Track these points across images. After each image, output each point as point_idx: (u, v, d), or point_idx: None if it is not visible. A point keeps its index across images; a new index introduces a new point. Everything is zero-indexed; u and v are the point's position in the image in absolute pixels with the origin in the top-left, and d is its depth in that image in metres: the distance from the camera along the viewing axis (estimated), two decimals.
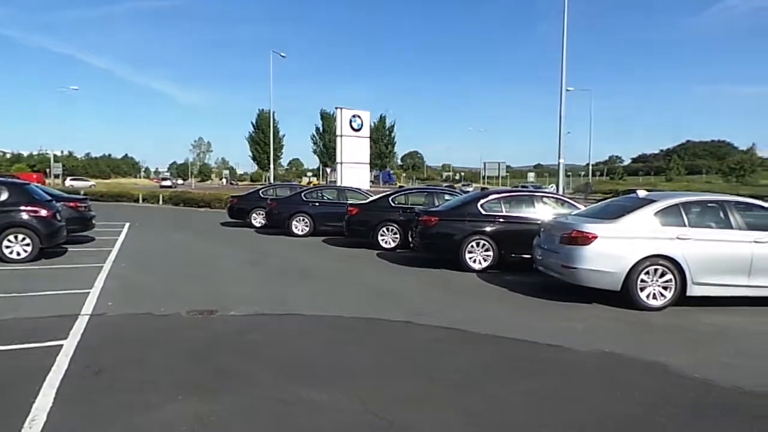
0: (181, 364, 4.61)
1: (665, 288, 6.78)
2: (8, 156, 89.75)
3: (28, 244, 9.71)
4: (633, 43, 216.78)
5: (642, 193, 7.75)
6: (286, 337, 5.52)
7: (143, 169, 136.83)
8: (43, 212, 9.94)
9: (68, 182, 61.65)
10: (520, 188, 24.57)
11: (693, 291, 6.79)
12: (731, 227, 6.94)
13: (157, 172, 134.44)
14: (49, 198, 10.80)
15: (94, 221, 13.15)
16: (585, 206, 9.49)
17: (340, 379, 4.33)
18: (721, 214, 7.09)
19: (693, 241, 6.78)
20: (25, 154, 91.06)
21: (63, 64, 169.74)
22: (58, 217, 10.45)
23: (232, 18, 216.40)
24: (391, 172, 76.80)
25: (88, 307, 6.51)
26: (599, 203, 8.70)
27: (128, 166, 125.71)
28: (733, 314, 6.75)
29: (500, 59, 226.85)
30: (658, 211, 7.01)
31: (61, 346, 4.97)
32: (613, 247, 6.83)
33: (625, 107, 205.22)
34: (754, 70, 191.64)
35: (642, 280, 6.76)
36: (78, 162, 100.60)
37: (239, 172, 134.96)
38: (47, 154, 69.18)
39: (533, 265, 8.33)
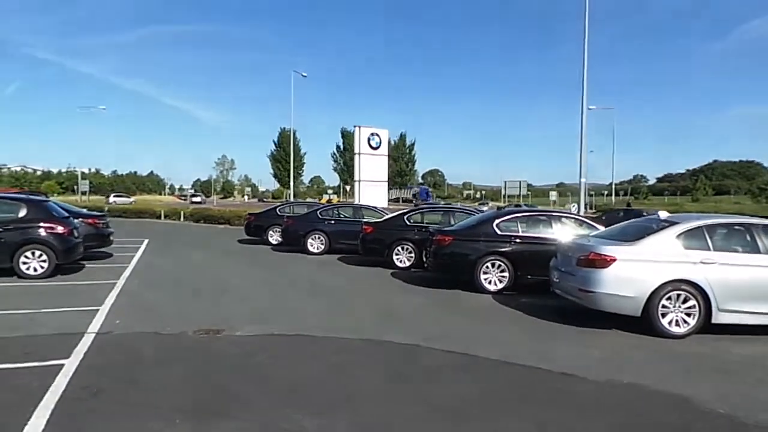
0: (181, 386, 4.50)
1: (688, 314, 6.46)
2: (39, 173, 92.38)
3: (44, 261, 9.80)
4: (658, 63, 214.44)
5: (663, 214, 7.46)
6: (292, 360, 5.37)
7: (168, 186, 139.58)
8: (60, 229, 10.04)
9: (111, 198, 64.35)
10: (514, 207, 24.26)
11: (718, 318, 6.45)
12: (759, 251, 6.60)
13: (181, 189, 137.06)
14: (66, 214, 10.94)
15: (111, 237, 13.29)
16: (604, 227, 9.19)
17: (342, 406, 4.16)
18: (748, 238, 6.76)
19: (718, 266, 6.46)
20: (55, 171, 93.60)
21: (94, 85, 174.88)
22: (75, 234, 10.56)
23: (256, 41, 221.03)
24: (429, 190, 73.36)
25: (95, 325, 6.47)
26: (620, 224, 8.39)
27: (153, 183, 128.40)
28: (761, 343, 6.38)
29: (523, 77, 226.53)
30: (681, 234, 6.72)
31: (62, 365, 4.90)
32: (632, 271, 6.55)
33: (650, 126, 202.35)
34: None
35: (664, 306, 6.45)
36: (104, 179, 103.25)
37: (261, 189, 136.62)
38: (75, 171, 70.93)
39: (550, 287, 8.07)
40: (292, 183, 45.78)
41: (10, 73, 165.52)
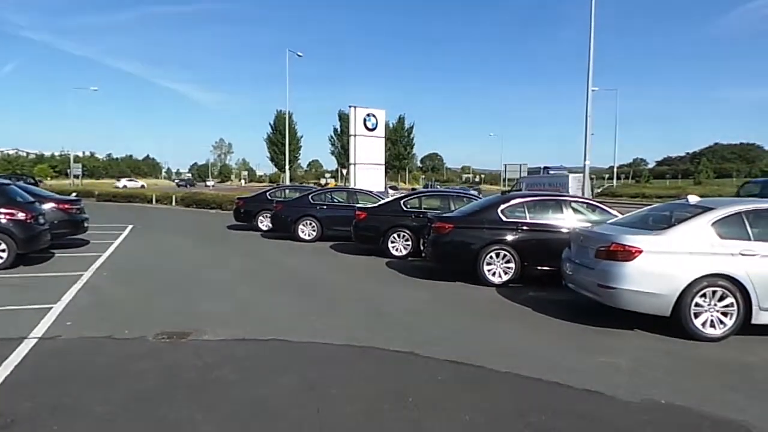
0: (117, 413, 3.63)
1: (725, 314, 5.61)
2: (31, 156, 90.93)
3: (3, 250, 8.90)
4: (656, 46, 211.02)
5: (694, 198, 6.56)
6: (259, 374, 4.49)
7: (164, 170, 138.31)
8: (21, 215, 9.13)
9: (122, 182, 65.44)
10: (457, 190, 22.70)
11: (760, 318, 5.59)
12: None
13: (177, 173, 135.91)
14: (30, 200, 10.02)
15: (86, 224, 12.36)
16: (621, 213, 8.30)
17: None
18: None
19: (760, 258, 5.59)
20: (48, 154, 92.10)
21: (87, 66, 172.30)
22: (40, 221, 9.66)
23: (251, 22, 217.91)
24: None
25: (41, 328, 5.61)
26: (641, 210, 7.50)
27: (149, 167, 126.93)
28: None
29: (523, 61, 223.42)
30: (717, 221, 5.83)
31: None
32: (661, 264, 5.68)
33: (649, 109, 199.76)
34: None
35: (697, 305, 5.59)
36: (99, 162, 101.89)
37: (259, 173, 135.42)
38: (68, 154, 69.59)
39: (562, 281, 7.21)
40: (287, 167, 44.52)
41: (2, 53, 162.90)
